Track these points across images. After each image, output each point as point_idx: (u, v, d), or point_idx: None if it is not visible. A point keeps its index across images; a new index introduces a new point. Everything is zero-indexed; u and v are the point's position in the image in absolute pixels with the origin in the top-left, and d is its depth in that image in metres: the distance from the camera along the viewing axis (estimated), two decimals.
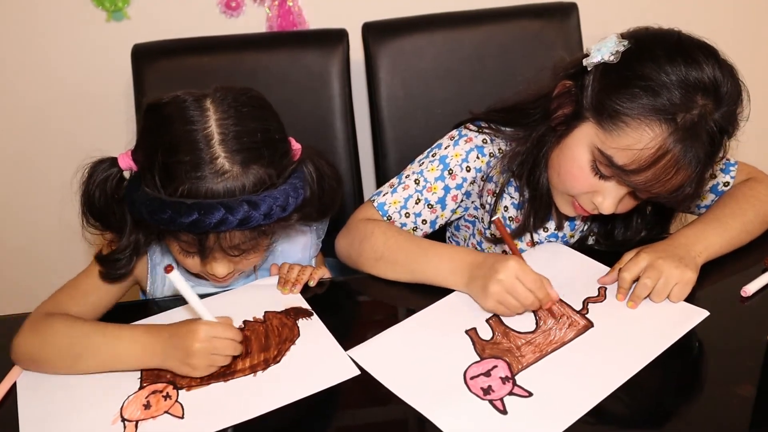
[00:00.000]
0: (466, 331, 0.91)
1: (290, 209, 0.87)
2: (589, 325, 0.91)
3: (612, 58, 0.92)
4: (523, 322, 0.92)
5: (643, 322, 0.91)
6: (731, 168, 1.13)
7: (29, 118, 1.61)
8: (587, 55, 0.95)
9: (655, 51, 0.89)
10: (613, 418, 0.78)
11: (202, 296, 1.02)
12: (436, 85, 1.42)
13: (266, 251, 0.98)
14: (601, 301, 0.96)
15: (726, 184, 1.12)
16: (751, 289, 0.95)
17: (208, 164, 0.82)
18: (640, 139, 0.88)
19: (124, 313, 0.98)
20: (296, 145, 0.93)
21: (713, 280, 0.99)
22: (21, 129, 1.62)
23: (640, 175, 0.89)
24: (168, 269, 0.81)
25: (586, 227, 1.17)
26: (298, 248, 1.13)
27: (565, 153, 0.98)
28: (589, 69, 0.94)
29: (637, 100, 0.88)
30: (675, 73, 0.87)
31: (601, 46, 0.93)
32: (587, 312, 0.94)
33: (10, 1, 1.49)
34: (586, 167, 0.96)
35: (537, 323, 0.92)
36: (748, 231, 1.03)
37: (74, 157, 1.65)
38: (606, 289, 0.98)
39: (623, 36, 0.94)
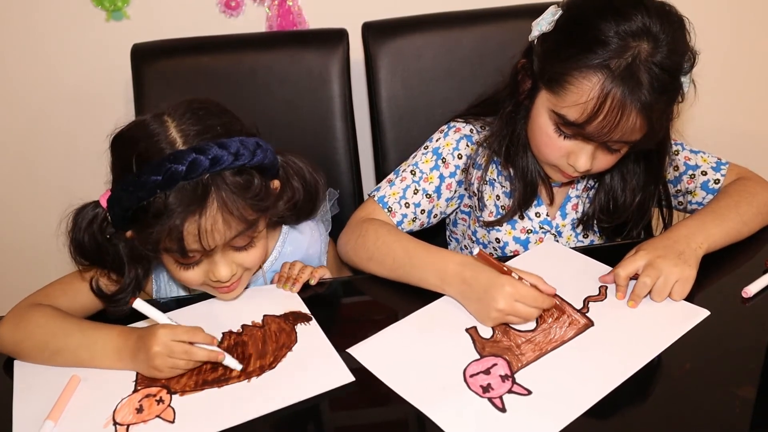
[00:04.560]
0: (467, 330, 0.91)
1: (258, 159, 0.87)
2: (590, 323, 0.91)
3: (549, 27, 0.99)
4: None
5: (643, 322, 0.90)
6: (722, 167, 1.16)
7: (29, 118, 1.61)
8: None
9: (584, 11, 0.95)
10: (613, 417, 0.77)
11: (202, 298, 1.02)
12: (436, 84, 1.42)
13: (260, 243, 0.96)
14: (602, 300, 0.95)
15: (716, 181, 1.15)
16: (752, 289, 0.94)
17: None
18: (582, 92, 0.94)
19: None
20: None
21: (714, 280, 0.99)
22: (20, 129, 1.62)
23: (592, 124, 0.94)
24: (130, 301, 0.87)
25: (577, 214, 1.19)
26: (305, 245, 1.13)
27: (533, 125, 1.05)
28: (534, 43, 1.02)
29: (573, 59, 0.93)
30: (606, 28, 0.91)
31: (539, 20, 1.01)
32: (588, 311, 0.93)
33: (9, 1, 1.48)
34: (552, 132, 1.02)
35: (537, 322, 0.92)
36: (745, 222, 1.05)
37: (74, 157, 1.66)
38: (607, 288, 0.97)
39: (559, 6, 1.00)
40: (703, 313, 0.91)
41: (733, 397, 0.78)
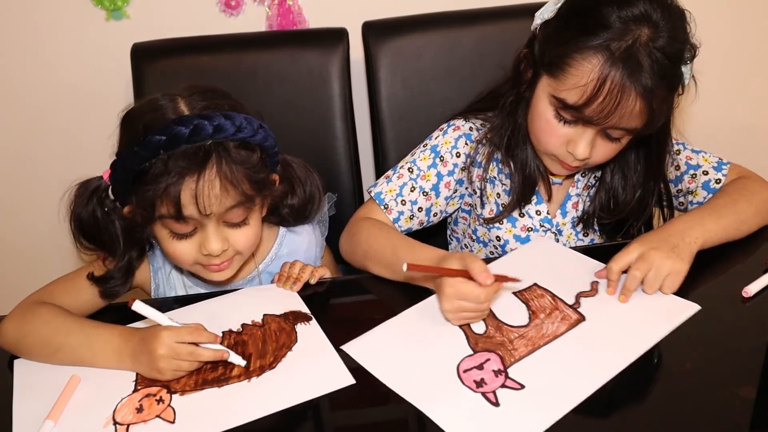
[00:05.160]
0: (460, 325, 0.91)
1: (259, 137, 0.91)
2: (581, 319, 0.91)
3: (551, 15, 1.01)
4: (516, 317, 0.92)
5: (634, 316, 0.91)
6: (723, 167, 1.16)
7: (29, 118, 1.61)
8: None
9: None
10: (613, 417, 0.77)
11: (202, 297, 1.03)
12: (437, 84, 1.42)
13: (254, 224, 0.97)
14: (593, 296, 0.95)
15: (717, 181, 1.15)
16: (752, 289, 0.94)
17: None
18: (582, 74, 0.94)
19: (124, 311, 0.98)
20: None
21: (714, 280, 0.99)
22: (21, 128, 1.62)
23: (592, 107, 0.94)
24: (130, 303, 0.85)
25: (578, 213, 1.19)
26: (303, 249, 1.13)
27: (534, 112, 1.05)
28: (536, 31, 1.03)
29: (574, 41, 0.94)
30: (607, 13, 0.92)
31: (542, 9, 1.02)
32: (579, 306, 0.93)
33: (9, 1, 1.48)
34: (552, 118, 1.01)
35: (529, 317, 0.92)
36: (743, 220, 1.05)
37: (74, 156, 1.66)
38: (598, 283, 0.98)
39: None
40: (693, 308, 0.91)
41: (733, 396, 0.77)
